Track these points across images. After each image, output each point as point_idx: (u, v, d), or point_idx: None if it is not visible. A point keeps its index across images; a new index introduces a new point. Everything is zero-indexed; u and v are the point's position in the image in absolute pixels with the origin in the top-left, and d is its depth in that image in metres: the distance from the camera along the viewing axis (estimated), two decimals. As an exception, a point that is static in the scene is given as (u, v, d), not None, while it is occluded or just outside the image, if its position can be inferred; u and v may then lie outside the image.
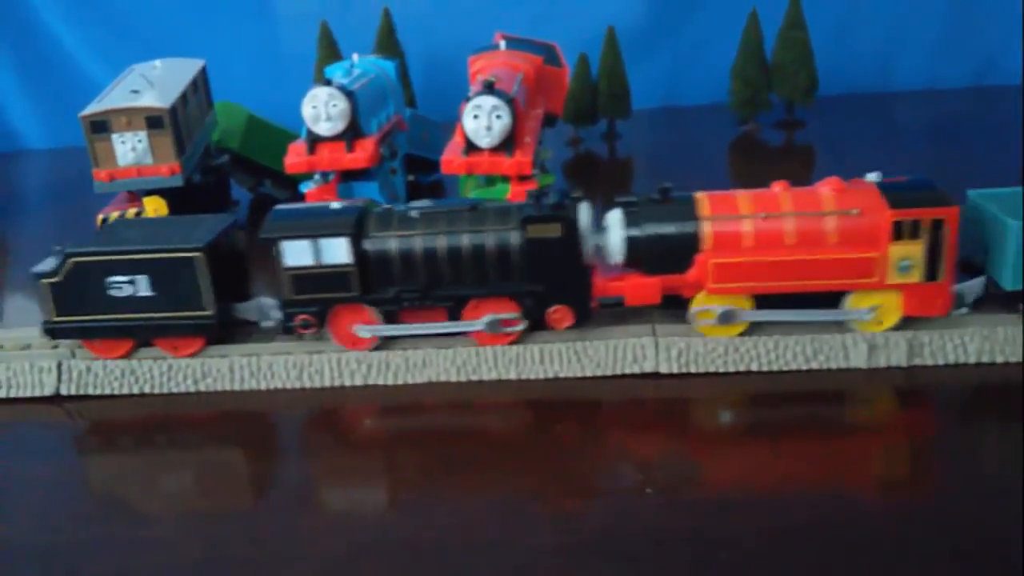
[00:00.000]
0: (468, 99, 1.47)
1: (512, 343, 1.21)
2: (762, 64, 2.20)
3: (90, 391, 1.24)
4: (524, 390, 1.19)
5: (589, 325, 1.22)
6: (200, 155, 1.70)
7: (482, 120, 1.46)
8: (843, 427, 1.10)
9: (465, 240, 1.18)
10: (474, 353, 1.21)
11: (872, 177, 1.19)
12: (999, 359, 1.15)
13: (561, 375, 1.20)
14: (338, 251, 1.17)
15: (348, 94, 1.53)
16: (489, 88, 1.46)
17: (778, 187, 1.19)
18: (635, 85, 2.28)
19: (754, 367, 1.17)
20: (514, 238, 1.18)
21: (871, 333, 1.17)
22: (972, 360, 1.15)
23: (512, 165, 1.47)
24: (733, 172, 2.12)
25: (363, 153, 1.53)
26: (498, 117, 1.45)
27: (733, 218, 1.16)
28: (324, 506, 1.02)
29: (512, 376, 1.20)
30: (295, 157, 1.55)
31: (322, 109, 1.52)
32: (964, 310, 1.19)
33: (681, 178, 1.27)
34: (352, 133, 1.54)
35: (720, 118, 2.31)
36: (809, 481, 0.98)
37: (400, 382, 1.21)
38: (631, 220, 1.19)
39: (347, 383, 1.22)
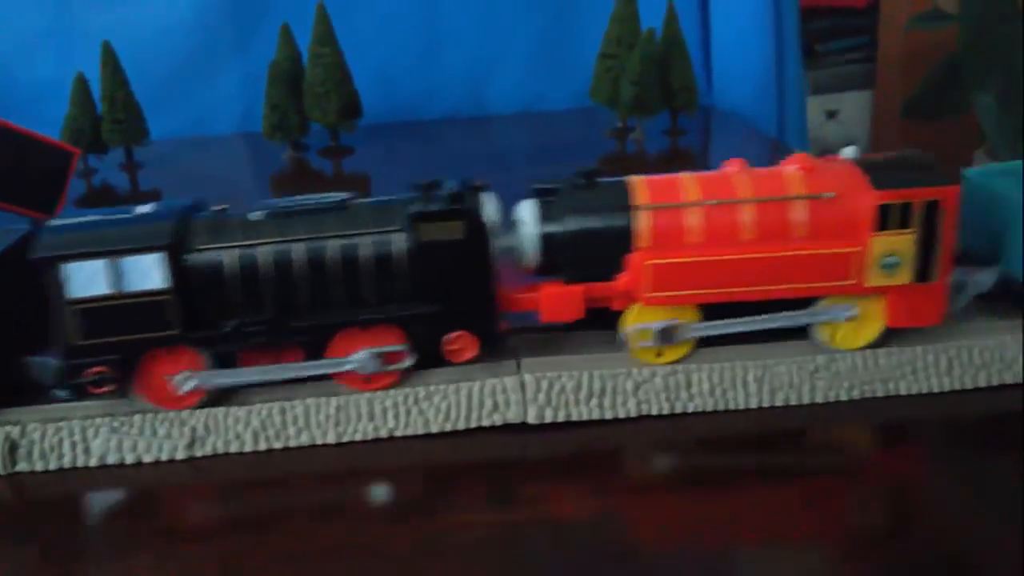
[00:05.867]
0: None
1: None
2: (292, 84, 1.94)
3: None
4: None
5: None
6: None
7: None
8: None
9: (333, 249, 0.88)
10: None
11: (849, 152, 0.93)
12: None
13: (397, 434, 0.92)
14: (149, 272, 0.85)
15: None
16: None
17: (732, 167, 0.95)
18: (203, 110, 2.09)
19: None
20: (399, 243, 0.89)
21: None
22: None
23: None
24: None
25: None
26: None
27: (677, 207, 0.90)
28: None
29: (330, 439, 0.92)
30: None
31: None
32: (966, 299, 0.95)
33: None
34: None
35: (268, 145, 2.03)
36: None
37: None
38: (548, 212, 0.91)
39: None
